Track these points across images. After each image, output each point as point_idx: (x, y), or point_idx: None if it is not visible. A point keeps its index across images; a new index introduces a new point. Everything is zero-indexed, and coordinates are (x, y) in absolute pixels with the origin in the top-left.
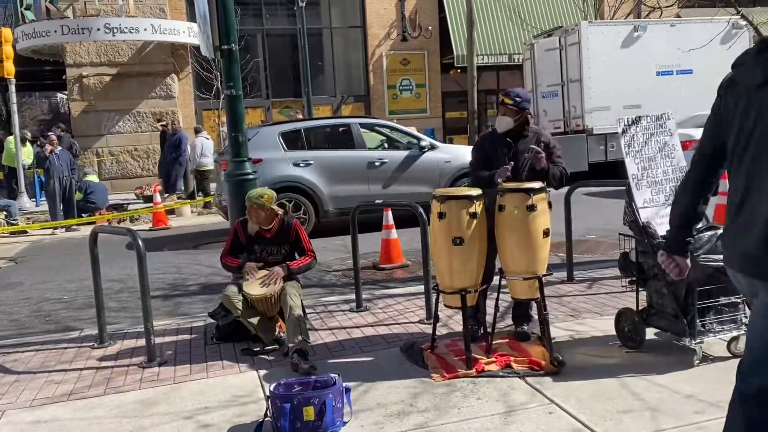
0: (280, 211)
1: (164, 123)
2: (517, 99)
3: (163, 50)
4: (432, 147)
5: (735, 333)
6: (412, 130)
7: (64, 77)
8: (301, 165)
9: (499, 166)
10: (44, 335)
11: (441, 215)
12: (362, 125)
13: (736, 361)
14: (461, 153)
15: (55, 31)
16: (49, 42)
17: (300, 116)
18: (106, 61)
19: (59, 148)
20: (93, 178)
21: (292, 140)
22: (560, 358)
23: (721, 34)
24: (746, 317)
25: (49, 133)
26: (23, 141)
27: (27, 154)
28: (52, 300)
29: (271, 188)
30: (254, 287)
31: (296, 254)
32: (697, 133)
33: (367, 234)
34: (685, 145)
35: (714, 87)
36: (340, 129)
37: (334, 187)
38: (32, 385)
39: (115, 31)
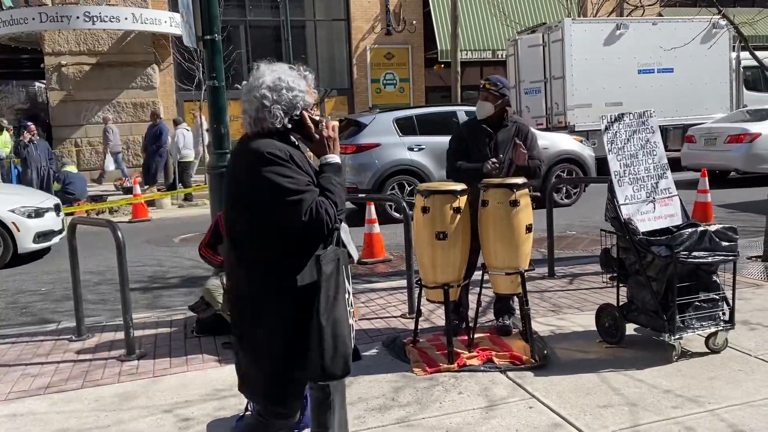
0: None
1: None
2: (498, 84)
3: (144, 40)
4: None
5: (713, 329)
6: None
7: (42, 66)
8: (415, 149)
9: (479, 156)
10: (20, 327)
11: (425, 210)
12: (467, 113)
13: (714, 357)
14: (558, 140)
15: (33, 19)
16: (27, 29)
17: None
18: (86, 50)
19: (37, 137)
20: (71, 168)
21: (406, 126)
22: (545, 352)
23: (702, 33)
24: (724, 314)
25: (28, 123)
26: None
27: (3, 143)
28: (28, 292)
29: (387, 171)
30: None
31: None
32: (753, 127)
33: (349, 228)
34: (739, 138)
35: (694, 86)
36: (448, 116)
37: (443, 171)
38: (8, 378)
39: (95, 19)
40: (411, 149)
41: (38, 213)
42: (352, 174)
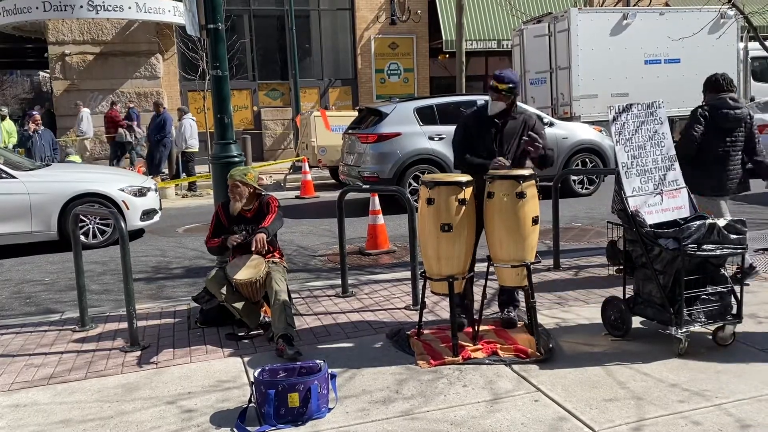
0: (262, 191)
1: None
2: (512, 85)
3: (148, 29)
4: (551, 124)
5: (721, 323)
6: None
7: (46, 55)
8: (435, 139)
9: (485, 147)
10: (24, 317)
11: (430, 201)
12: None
13: (722, 350)
14: (577, 130)
15: (37, 8)
16: (31, 18)
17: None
18: (89, 40)
19: (42, 127)
20: (76, 158)
21: (426, 115)
22: (551, 345)
23: (710, 23)
24: (731, 307)
25: (33, 112)
26: (1, 117)
27: (8, 133)
28: (32, 281)
29: (408, 160)
30: (239, 271)
31: None
32: None
33: (353, 219)
34: (759, 130)
35: (701, 76)
36: (468, 105)
37: None
38: (11, 368)
39: (98, 8)
40: (431, 138)
41: (142, 192)
42: (373, 163)
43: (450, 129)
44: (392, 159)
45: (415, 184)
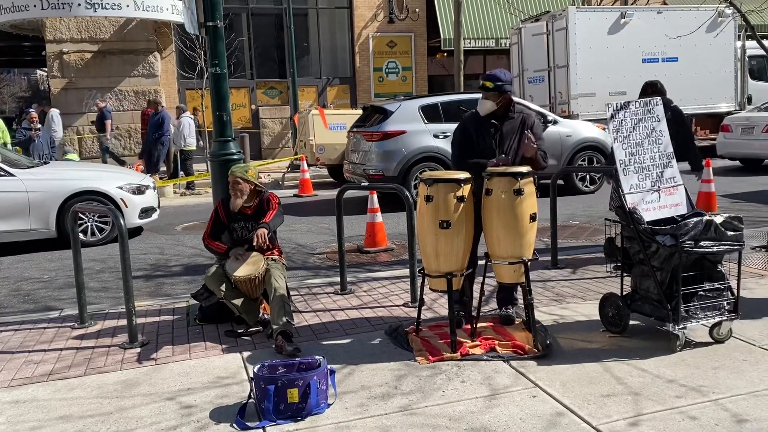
0: (263, 189)
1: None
2: (498, 83)
3: (146, 27)
4: (555, 122)
5: (718, 319)
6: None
7: (43, 53)
8: (440, 136)
9: (485, 147)
10: (23, 315)
11: (428, 198)
12: None
13: (718, 347)
14: (581, 128)
15: (35, 6)
16: (28, 17)
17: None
18: (87, 38)
19: (39, 126)
20: (74, 156)
21: (431, 113)
22: (548, 341)
23: (708, 22)
24: (728, 304)
25: (30, 110)
26: None
27: (3, 131)
28: (31, 279)
29: (413, 157)
30: (238, 268)
31: None
32: None
33: (352, 217)
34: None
35: (698, 75)
36: (473, 103)
37: None
38: (11, 365)
39: (96, 6)
40: (436, 136)
41: (140, 190)
42: (378, 161)
43: (455, 127)
44: (397, 157)
45: None
